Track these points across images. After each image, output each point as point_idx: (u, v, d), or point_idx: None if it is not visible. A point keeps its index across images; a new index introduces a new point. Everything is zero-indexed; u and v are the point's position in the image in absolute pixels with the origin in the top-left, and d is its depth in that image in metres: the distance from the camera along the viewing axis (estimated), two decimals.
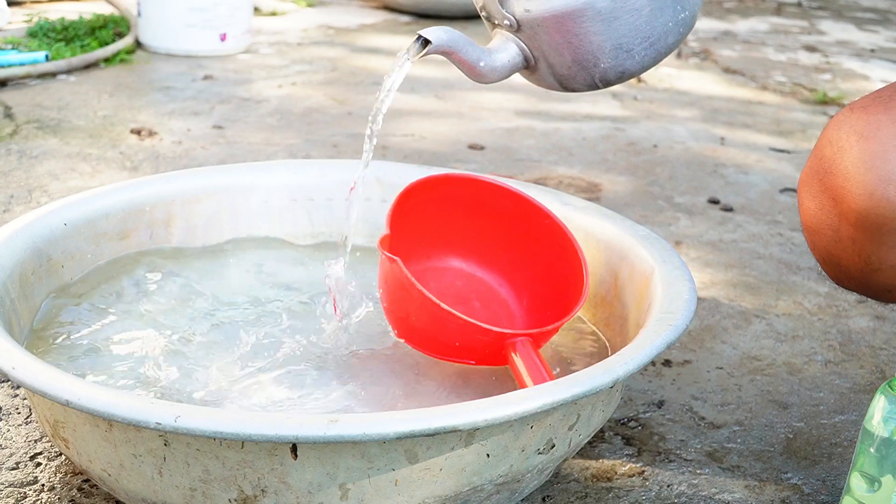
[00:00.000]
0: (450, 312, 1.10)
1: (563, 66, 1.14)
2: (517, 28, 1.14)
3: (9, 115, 2.22)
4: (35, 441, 1.15)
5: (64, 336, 1.20)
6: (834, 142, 0.97)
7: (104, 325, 1.24)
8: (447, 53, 1.12)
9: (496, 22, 1.16)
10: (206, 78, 2.65)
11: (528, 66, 1.17)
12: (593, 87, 1.17)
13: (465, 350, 1.15)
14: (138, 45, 2.87)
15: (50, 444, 1.14)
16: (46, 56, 2.55)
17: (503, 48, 1.15)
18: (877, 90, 1.01)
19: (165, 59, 2.81)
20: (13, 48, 2.64)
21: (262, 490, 0.91)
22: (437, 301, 1.10)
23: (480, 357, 1.15)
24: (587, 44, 1.12)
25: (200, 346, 1.22)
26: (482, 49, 1.14)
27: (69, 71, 2.57)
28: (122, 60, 2.72)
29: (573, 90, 1.19)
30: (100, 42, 2.78)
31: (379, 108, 1.17)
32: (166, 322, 1.26)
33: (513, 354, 1.11)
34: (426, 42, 1.11)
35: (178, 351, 1.20)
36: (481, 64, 1.14)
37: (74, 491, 1.07)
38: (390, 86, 1.16)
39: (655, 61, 1.16)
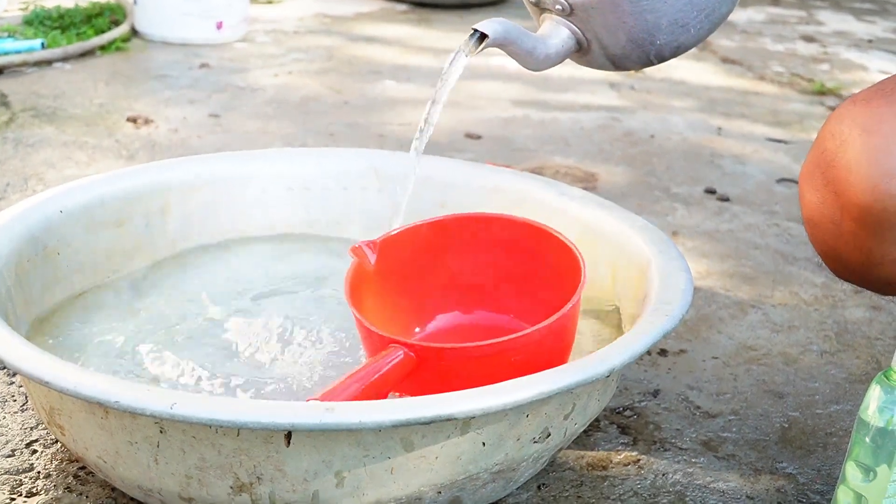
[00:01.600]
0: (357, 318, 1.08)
1: (617, 46, 1.12)
2: (569, 12, 1.11)
3: (5, 104, 2.21)
4: (31, 428, 1.15)
5: (61, 326, 1.20)
6: (836, 135, 0.97)
7: (101, 315, 1.24)
8: (503, 45, 1.09)
9: (545, 7, 1.13)
10: (202, 66, 2.64)
11: (579, 50, 1.14)
12: (648, 64, 1.14)
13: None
14: (134, 33, 2.86)
15: (46, 431, 1.14)
16: (42, 44, 2.55)
17: (555, 34, 1.12)
18: (879, 82, 1.00)
19: (161, 47, 2.80)
20: (9, 36, 2.63)
21: (258, 477, 0.91)
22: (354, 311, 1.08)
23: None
24: (642, 22, 1.09)
25: (199, 339, 1.22)
26: (535, 37, 1.11)
27: (65, 59, 2.56)
28: (118, 48, 2.72)
29: (626, 69, 1.16)
30: (96, 30, 2.77)
31: (434, 104, 1.14)
32: (164, 313, 1.26)
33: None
34: (483, 36, 1.08)
35: (176, 343, 1.21)
36: (536, 52, 1.11)
37: (70, 478, 1.07)
38: (446, 82, 1.13)
39: (710, 32, 1.13)
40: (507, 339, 1.05)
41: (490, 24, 1.09)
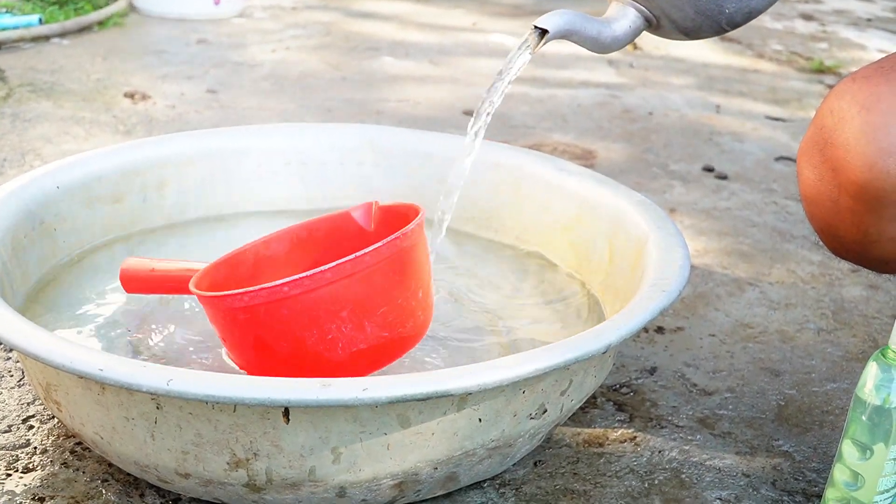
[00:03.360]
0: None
1: (686, 19, 1.10)
2: None
3: (2, 79, 2.21)
4: (28, 404, 1.15)
5: (58, 302, 1.20)
6: (835, 112, 0.97)
7: (98, 293, 1.24)
8: (566, 37, 1.08)
9: None
10: (199, 42, 2.63)
11: (650, 26, 1.13)
12: (721, 32, 1.12)
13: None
14: (132, 8, 2.86)
15: (42, 407, 1.14)
16: (40, 19, 2.54)
17: (622, 15, 1.11)
18: (878, 60, 1.00)
19: (159, 22, 2.79)
20: (7, 12, 2.63)
21: (255, 454, 0.91)
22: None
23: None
24: None
25: (193, 310, 1.22)
26: (600, 21, 1.10)
27: (63, 34, 2.55)
28: (115, 24, 2.71)
29: (700, 38, 1.15)
30: (93, 5, 2.77)
31: (492, 100, 1.13)
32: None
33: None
34: (544, 32, 1.07)
35: (172, 314, 1.20)
36: (603, 37, 1.10)
37: (67, 454, 1.07)
38: (505, 77, 1.11)
39: None
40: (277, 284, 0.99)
41: (550, 18, 1.07)
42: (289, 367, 1.00)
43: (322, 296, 0.99)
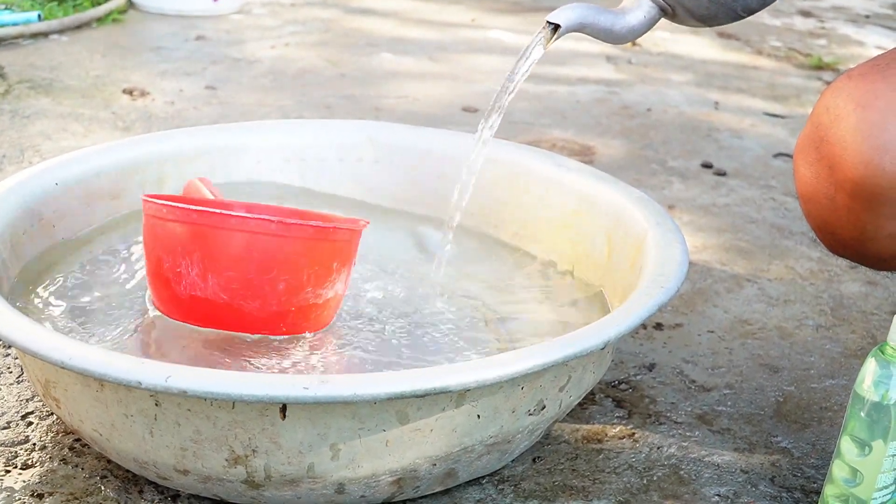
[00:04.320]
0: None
1: (701, 8, 1.10)
2: None
3: (1, 75, 2.21)
4: (27, 400, 1.15)
5: (56, 298, 1.20)
6: (831, 109, 0.97)
7: (97, 289, 1.24)
8: (579, 30, 1.09)
9: None
10: (198, 38, 2.63)
11: (665, 15, 1.13)
12: (738, 18, 1.12)
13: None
14: (130, 4, 2.86)
15: (41, 403, 1.14)
16: (39, 16, 2.54)
17: (637, 6, 1.12)
18: (874, 58, 1.00)
19: (157, 19, 2.79)
20: (6, 8, 2.62)
21: (254, 450, 0.91)
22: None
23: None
24: None
25: None
26: (614, 13, 1.11)
27: (61, 31, 2.55)
28: (114, 20, 2.71)
29: (717, 25, 1.15)
30: (92, 2, 2.76)
31: (505, 94, 1.14)
32: None
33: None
34: (556, 26, 1.08)
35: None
36: (617, 28, 1.11)
37: (66, 450, 1.07)
38: (520, 74, 1.12)
39: None
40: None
41: (562, 12, 1.08)
42: (152, 282, 1.13)
43: (184, 231, 1.09)
